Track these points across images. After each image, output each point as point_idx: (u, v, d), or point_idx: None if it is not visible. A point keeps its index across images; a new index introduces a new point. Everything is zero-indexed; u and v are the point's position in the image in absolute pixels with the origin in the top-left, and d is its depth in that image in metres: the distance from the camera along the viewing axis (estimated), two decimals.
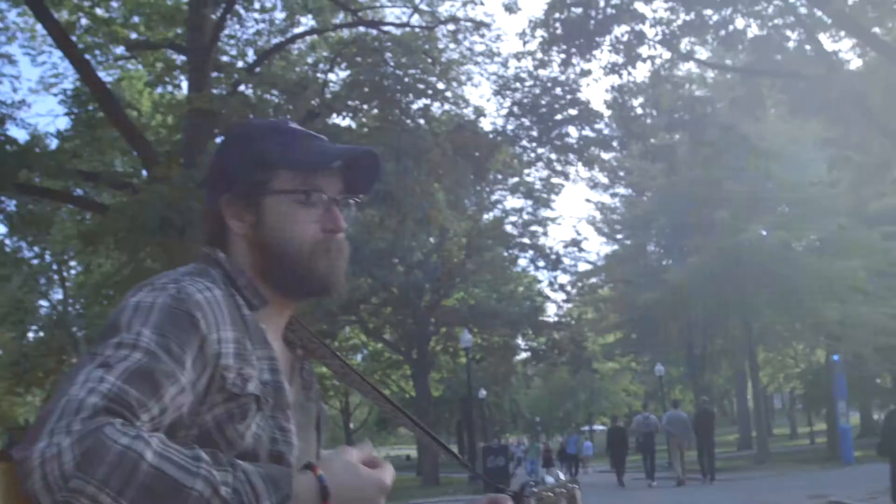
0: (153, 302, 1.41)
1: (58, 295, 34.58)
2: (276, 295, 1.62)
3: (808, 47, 17.28)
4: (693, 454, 27.22)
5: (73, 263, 32.26)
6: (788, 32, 17.74)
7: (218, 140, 16.75)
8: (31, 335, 35.87)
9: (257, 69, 16.52)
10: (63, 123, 68.62)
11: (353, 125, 15.82)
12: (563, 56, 18.37)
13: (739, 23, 17.66)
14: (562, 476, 1.88)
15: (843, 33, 17.49)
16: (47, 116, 79.24)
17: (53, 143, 20.66)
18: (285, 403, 1.53)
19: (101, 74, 19.04)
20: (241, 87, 15.87)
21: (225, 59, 18.69)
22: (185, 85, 18.66)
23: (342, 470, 1.42)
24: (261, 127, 1.68)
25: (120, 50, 20.70)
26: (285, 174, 1.60)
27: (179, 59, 19.34)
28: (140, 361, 1.32)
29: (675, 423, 25.82)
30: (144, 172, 17.95)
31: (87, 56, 17.93)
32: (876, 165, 19.52)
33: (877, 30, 17.69)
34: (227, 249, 1.63)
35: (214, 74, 16.44)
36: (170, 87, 21.06)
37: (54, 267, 32.92)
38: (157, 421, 1.33)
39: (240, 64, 18.48)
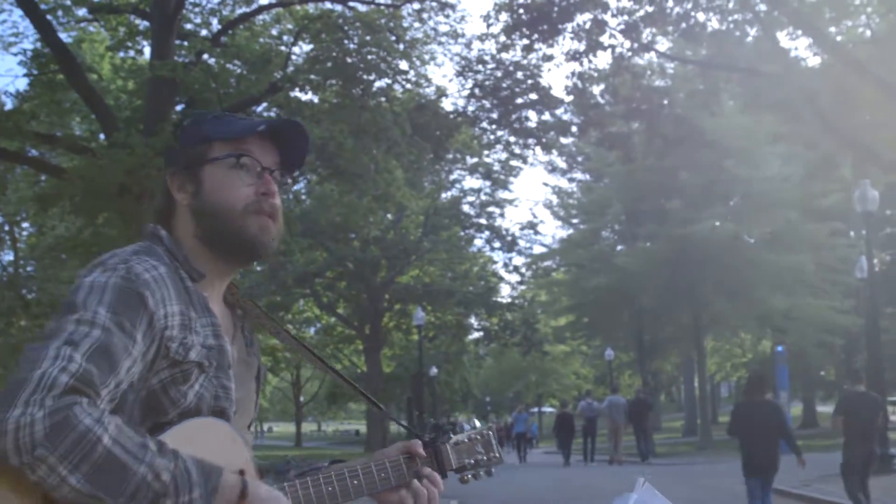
0: (106, 282, 1.60)
1: (8, 256, 34.21)
2: (215, 260, 1.80)
3: (765, 44, 17.59)
4: (632, 439, 28.69)
5: (25, 225, 31.88)
6: (747, 28, 18.05)
7: (179, 108, 16.76)
8: None
9: (221, 39, 16.48)
10: (23, 85, 67.53)
11: (315, 100, 15.87)
12: (525, 41, 18.53)
13: (700, 16, 17.94)
14: (478, 424, 2.03)
15: (799, 32, 17.85)
16: (6, 77, 77.90)
17: (10, 103, 20.44)
18: (227, 364, 1.73)
19: (62, 36, 18.87)
20: (205, 57, 15.83)
21: (189, 27, 18.61)
22: (147, 51, 18.58)
23: (269, 493, 1.61)
24: (206, 114, 1.88)
25: (82, 12, 20.49)
26: (220, 145, 1.79)
27: (143, 24, 19.19)
28: (100, 339, 1.51)
29: (614, 407, 27.73)
30: (102, 136, 17.85)
31: (49, 17, 17.78)
32: (824, 162, 19.95)
33: (832, 30, 18.08)
34: (174, 221, 1.81)
35: (178, 42, 16.37)
36: (131, 53, 20.90)
37: (6, 228, 32.53)
38: (114, 392, 1.53)
39: (204, 33, 18.40)
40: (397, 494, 1.87)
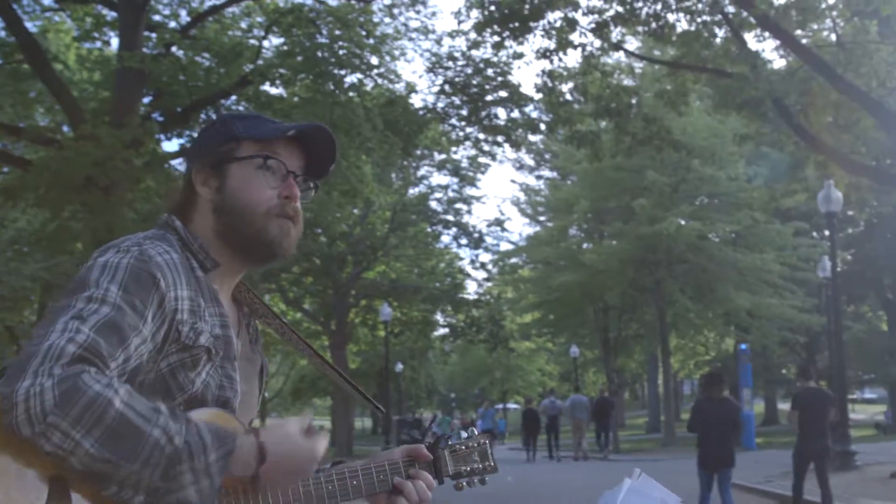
0: (119, 262, 1.62)
1: None
2: (231, 257, 1.82)
3: (733, 46, 17.74)
4: (594, 435, 29.76)
5: None
6: (716, 29, 18.19)
7: (146, 100, 16.61)
8: None
9: (191, 31, 16.35)
10: None
11: (285, 95, 15.80)
12: (496, 38, 18.55)
13: (670, 17, 18.05)
14: (476, 432, 2.05)
15: (766, 34, 18.01)
16: None
17: None
18: (233, 355, 1.76)
19: (27, 25, 18.63)
20: (174, 49, 15.70)
21: (157, 18, 18.44)
22: (114, 42, 18.40)
23: (281, 439, 1.63)
24: (233, 114, 1.90)
25: (48, 1, 20.26)
26: (248, 145, 1.81)
27: (110, 15, 19.00)
28: (109, 315, 1.53)
29: (576, 406, 28.74)
30: (66, 128, 17.65)
31: (15, 6, 17.54)
32: (789, 164, 20.17)
33: (798, 33, 18.26)
34: (193, 214, 1.82)
35: (146, 34, 16.22)
36: (98, 44, 20.68)
37: None
38: (123, 367, 1.54)
39: (172, 24, 18.25)
40: (390, 498, 1.88)
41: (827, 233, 26.22)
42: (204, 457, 1.49)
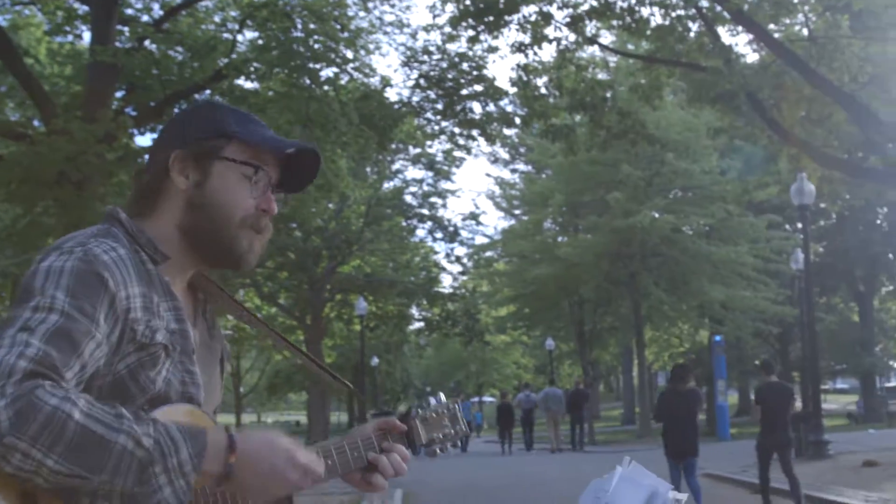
0: (63, 266, 1.54)
1: None
2: (188, 254, 1.75)
3: (707, 39, 17.83)
4: (573, 428, 29.97)
5: None
6: (690, 24, 18.27)
7: (119, 95, 16.47)
8: None
9: (164, 25, 16.23)
10: None
11: (260, 89, 15.73)
12: (471, 31, 18.55)
13: (644, 11, 18.12)
14: (444, 399, 2.03)
15: (740, 28, 18.12)
16: None
17: None
18: (191, 349, 1.69)
19: None
20: (147, 43, 15.57)
21: (130, 12, 18.28)
22: (86, 36, 18.22)
23: (258, 441, 1.58)
24: (224, 104, 1.83)
25: None
26: (239, 147, 1.74)
27: (82, 9, 18.82)
28: (58, 323, 1.47)
29: (551, 399, 29.36)
30: (37, 123, 17.47)
31: None
32: (762, 157, 20.32)
33: (771, 27, 18.38)
34: (160, 201, 1.75)
35: (118, 28, 16.07)
36: (70, 38, 20.48)
37: None
38: (80, 376, 1.48)
39: (145, 18, 18.11)
40: (365, 474, 1.84)
41: (800, 225, 26.47)
42: (176, 455, 1.45)
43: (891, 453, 18.19)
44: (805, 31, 19.08)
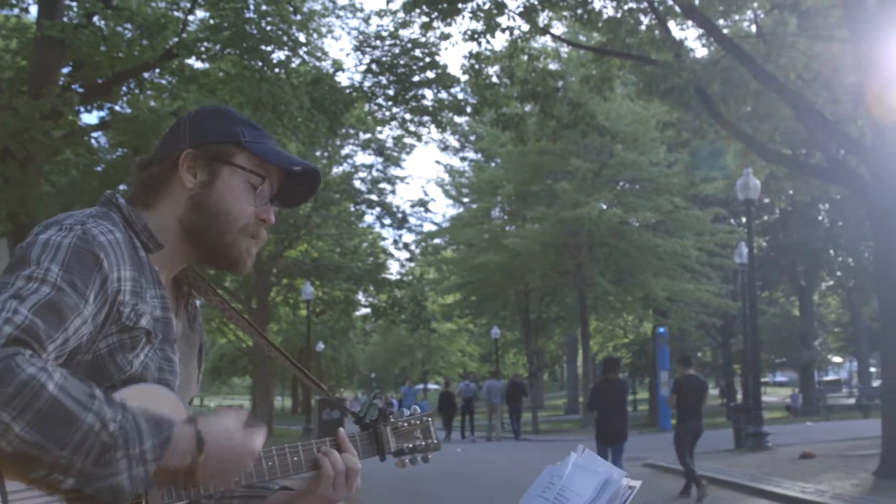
0: (61, 241, 1.59)
1: None
2: (184, 247, 1.81)
3: (657, 33, 17.96)
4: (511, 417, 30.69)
5: None
6: (641, 17, 18.39)
7: (65, 71, 16.15)
8: None
9: (113, 1, 15.94)
10: None
11: (210, 69, 15.54)
12: (424, 18, 18.51)
13: (596, 3, 18.21)
14: (419, 410, 2.05)
15: (690, 23, 18.28)
16: None
17: None
18: (172, 337, 1.74)
19: None
20: (95, 19, 15.29)
21: None
22: (33, 10, 17.85)
23: (220, 433, 1.63)
24: (237, 114, 1.87)
25: None
26: (248, 157, 1.80)
27: None
28: (49, 295, 1.51)
29: (492, 389, 30.52)
30: None
31: None
32: (710, 151, 20.56)
33: (721, 22, 18.58)
34: (164, 192, 1.80)
35: (67, 2, 15.76)
36: (16, 11, 20.05)
37: None
38: (61, 349, 1.52)
39: None
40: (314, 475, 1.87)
41: (744, 220, 26.84)
42: (139, 444, 1.48)
43: (827, 445, 18.58)
44: (753, 28, 19.34)
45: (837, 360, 62.14)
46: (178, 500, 1.63)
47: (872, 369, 48.04)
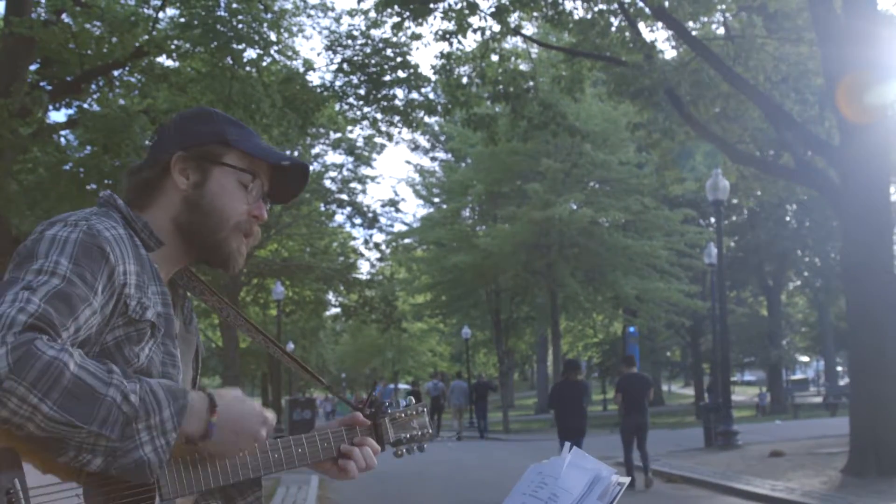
0: (68, 236, 1.64)
1: None
2: (180, 247, 1.85)
3: (628, 34, 18.06)
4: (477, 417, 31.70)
5: None
6: (612, 18, 18.48)
7: (33, 68, 15.98)
8: None
9: None
10: None
11: (180, 67, 15.43)
12: (396, 18, 18.50)
13: (567, 4, 18.30)
14: (413, 401, 2.11)
15: (660, 25, 18.40)
16: None
17: None
18: (174, 332, 1.78)
19: None
20: (64, 16, 15.14)
21: None
22: (0, 7, 17.69)
23: (232, 399, 1.70)
24: (224, 115, 1.92)
25: None
26: (237, 156, 1.85)
27: None
28: (59, 286, 1.55)
29: (456, 390, 32.21)
30: None
31: None
32: (679, 152, 20.71)
33: (690, 24, 18.72)
34: (157, 195, 1.85)
35: None
36: None
37: None
38: (73, 338, 1.56)
39: None
40: (336, 463, 1.95)
41: (713, 220, 27.04)
42: (159, 413, 1.54)
43: (796, 443, 18.77)
44: (722, 30, 19.49)
45: (805, 359, 62.80)
46: (190, 489, 1.68)
47: (839, 368, 48.64)
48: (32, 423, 1.44)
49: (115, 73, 15.82)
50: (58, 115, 35.25)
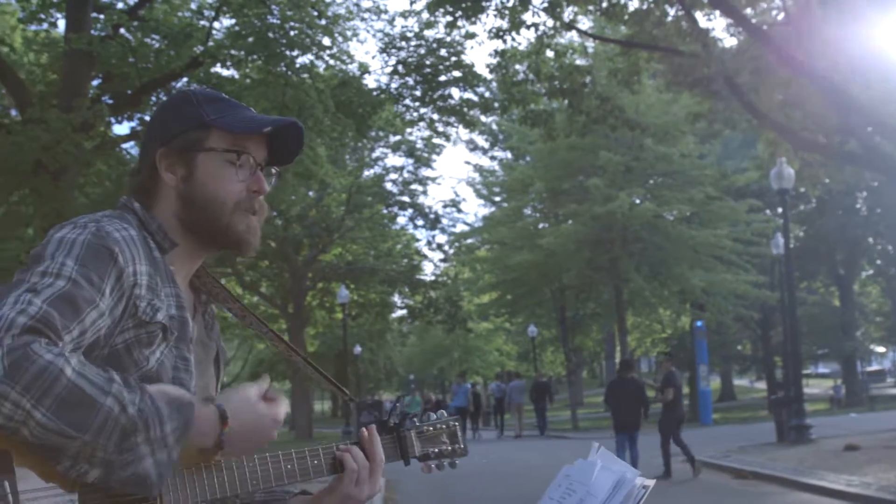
0: (75, 238, 1.61)
1: None
2: (192, 244, 1.81)
3: (684, 24, 17.81)
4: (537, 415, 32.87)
5: None
6: (667, 8, 18.24)
7: (95, 83, 16.32)
8: None
9: (139, 12, 16.09)
10: None
11: (237, 76, 15.63)
12: (449, 17, 18.48)
13: None
14: (445, 415, 2.01)
15: (717, 13, 18.10)
16: None
17: None
18: (188, 337, 1.73)
19: None
20: (122, 30, 15.43)
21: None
22: (61, 24, 18.06)
23: (240, 405, 1.65)
24: (200, 93, 1.85)
25: None
26: (218, 135, 1.78)
27: None
28: (63, 288, 1.51)
29: (515, 390, 33.43)
30: (14, 112, 17.32)
31: None
32: (741, 141, 20.35)
33: (748, 11, 18.37)
34: (155, 197, 1.80)
35: (94, 15, 15.92)
36: (45, 25, 20.28)
37: None
38: (78, 341, 1.52)
39: (120, 5, 17.94)
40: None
41: (780, 209, 26.54)
42: (160, 427, 1.48)
43: (872, 437, 18.31)
44: (781, 16, 19.10)
45: (880, 349, 61.32)
46: (194, 499, 1.62)
47: None
48: (26, 428, 1.39)
49: (174, 84, 16.07)
50: (120, 129, 35.98)
